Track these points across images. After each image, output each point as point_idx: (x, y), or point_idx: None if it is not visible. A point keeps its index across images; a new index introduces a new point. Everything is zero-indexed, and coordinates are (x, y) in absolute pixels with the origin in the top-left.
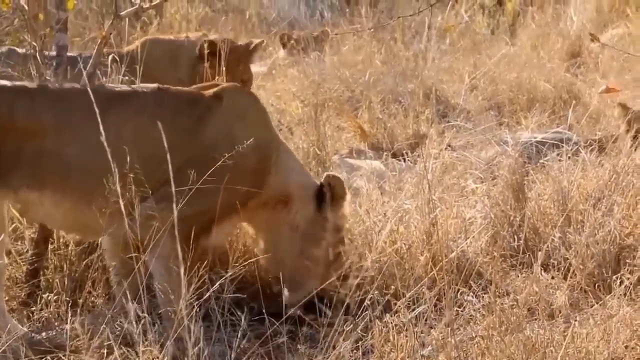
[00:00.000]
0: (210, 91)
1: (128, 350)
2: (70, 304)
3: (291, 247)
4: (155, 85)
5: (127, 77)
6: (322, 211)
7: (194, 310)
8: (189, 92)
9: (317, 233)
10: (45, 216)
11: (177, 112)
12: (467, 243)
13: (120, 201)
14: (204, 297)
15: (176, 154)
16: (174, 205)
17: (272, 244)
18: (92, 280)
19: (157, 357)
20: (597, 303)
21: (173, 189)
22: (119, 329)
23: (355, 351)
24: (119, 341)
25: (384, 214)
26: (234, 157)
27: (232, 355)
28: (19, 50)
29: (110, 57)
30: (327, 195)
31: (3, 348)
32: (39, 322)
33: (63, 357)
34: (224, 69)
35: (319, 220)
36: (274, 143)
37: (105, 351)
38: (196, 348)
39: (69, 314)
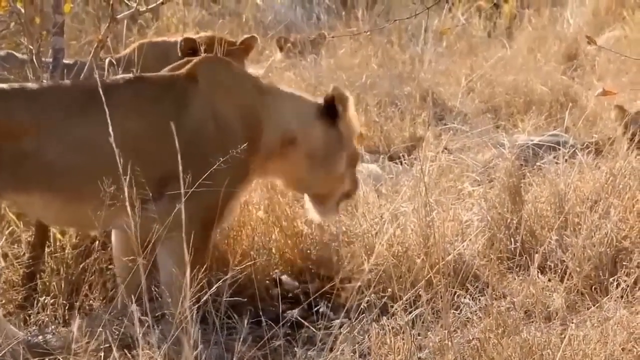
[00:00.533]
0: (183, 71)
1: (126, 353)
2: (67, 307)
3: (315, 174)
4: (131, 75)
5: None
6: (335, 125)
7: (192, 313)
8: (164, 78)
9: (335, 148)
10: (39, 215)
11: (156, 101)
12: (464, 246)
13: (126, 200)
14: (202, 300)
15: (167, 146)
16: (184, 203)
17: (296, 181)
18: (89, 284)
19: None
20: (594, 305)
21: (182, 187)
22: (117, 332)
23: (352, 354)
24: (117, 343)
25: (381, 217)
26: (224, 138)
27: (234, 359)
28: (18, 54)
29: (107, 61)
30: (340, 109)
31: (3, 352)
32: (36, 326)
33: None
34: None
35: (332, 135)
36: (259, 102)
37: (103, 354)
38: (196, 351)
39: (66, 317)
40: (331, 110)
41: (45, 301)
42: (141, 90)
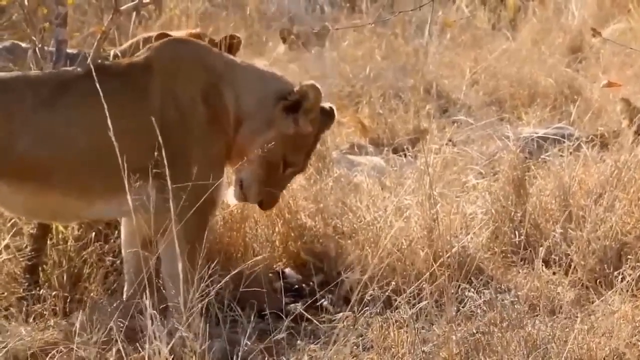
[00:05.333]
0: (141, 57)
1: (132, 345)
2: (68, 300)
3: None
4: (96, 64)
5: None
6: (276, 105)
7: (197, 306)
8: (123, 67)
9: (261, 121)
10: (5, 204)
11: (118, 92)
12: (468, 239)
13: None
14: (208, 294)
15: (135, 138)
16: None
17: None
18: (90, 276)
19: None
20: (598, 299)
21: (170, 183)
22: (121, 324)
23: (355, 347)
24: (121, 336)
25: (385, 209)
26: (188, 124)
27: (240, 352)
28: (24, 44)
29: (112, 53)
30: (293, 96)
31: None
32: (38, 318)
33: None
34: None
35: (267, 110)
36: (221, 77)
37: (106, 346)
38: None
39: (67, 310)
40: (295, 104)
41: (47, 293)
42: (103, 81)
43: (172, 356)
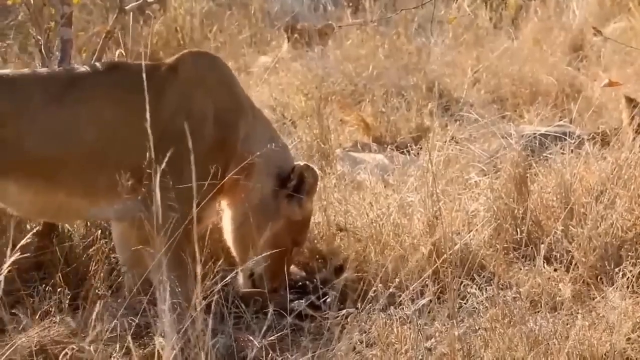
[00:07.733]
0: (167, 60)
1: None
2: (71, 297)
3: (242, 222)
4: (112, 62)
5: None
6: (279, 195)
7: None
8: (145, 66)
9: (268, 214)
10: (12, 203)
11: (133, 90)
12: (470, 236)
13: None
14: (214, 290)
15: (142, 137)
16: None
17: (232, 218)
18: (95, 272)
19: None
20: (599, 295)
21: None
22: (127, 321)
23: (359, 343)
24: (131, 332)
25: (388, 207)
26: (193, 134)
27: (253, 350)
28: None
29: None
30: (292, 182)
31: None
32: (44, 315)
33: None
34: None
35: (272, 201)
36: (240, 107)
37: (110, 342)
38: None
39: (66, 306)
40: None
41: (53, 290)
42: (119, 79)
43: (174, 353)
